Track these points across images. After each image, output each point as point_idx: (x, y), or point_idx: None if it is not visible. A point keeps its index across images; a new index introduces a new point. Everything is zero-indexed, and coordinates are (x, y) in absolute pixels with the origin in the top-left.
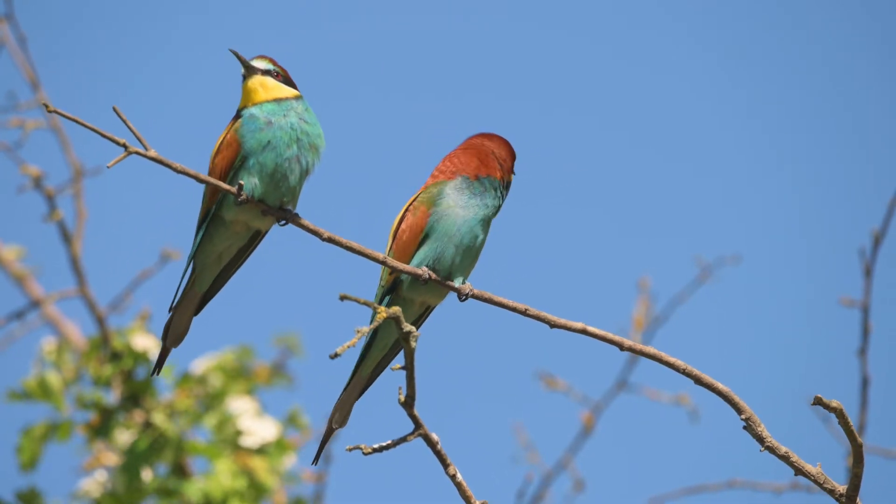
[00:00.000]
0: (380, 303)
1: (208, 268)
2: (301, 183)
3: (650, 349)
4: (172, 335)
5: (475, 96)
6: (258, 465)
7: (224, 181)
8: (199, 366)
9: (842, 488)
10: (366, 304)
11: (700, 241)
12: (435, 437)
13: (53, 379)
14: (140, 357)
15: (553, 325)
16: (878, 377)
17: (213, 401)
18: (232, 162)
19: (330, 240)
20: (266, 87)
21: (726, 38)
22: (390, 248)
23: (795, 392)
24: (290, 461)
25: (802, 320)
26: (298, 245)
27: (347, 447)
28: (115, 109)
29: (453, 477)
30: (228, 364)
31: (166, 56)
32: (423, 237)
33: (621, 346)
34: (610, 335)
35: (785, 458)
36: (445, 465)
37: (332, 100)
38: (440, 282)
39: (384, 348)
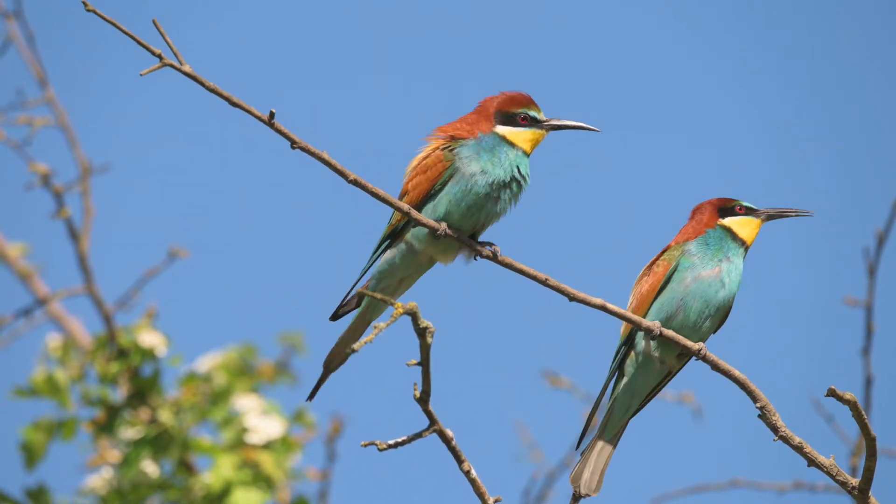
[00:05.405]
0: (383, 242)
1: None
2: None
3: (669, 332)
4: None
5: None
6: (264, 458)
7: None
8: (204, 364)
9: (854, 481)
10: (383, 300)
11: None
12: (450, 433)
13: (60, 375)
14: (147, 354)
15: (572, 299)
16: (881, 377)
17: (218, 398)
18: None
19: (355, 182)
20: None
21: (732, 33)
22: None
23: (798, 391)
24: (295, 458)
25: (805, 319)
26: (301, 243)
27: (363, 443)
28: (154, 22)
29: (467, 473)
30: (232, 362)
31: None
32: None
33: (639, 327)
34: (629, 314)
35: (798, 449)
36: (460, 462)
37: (338, 89)
38: (504, 261)
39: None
